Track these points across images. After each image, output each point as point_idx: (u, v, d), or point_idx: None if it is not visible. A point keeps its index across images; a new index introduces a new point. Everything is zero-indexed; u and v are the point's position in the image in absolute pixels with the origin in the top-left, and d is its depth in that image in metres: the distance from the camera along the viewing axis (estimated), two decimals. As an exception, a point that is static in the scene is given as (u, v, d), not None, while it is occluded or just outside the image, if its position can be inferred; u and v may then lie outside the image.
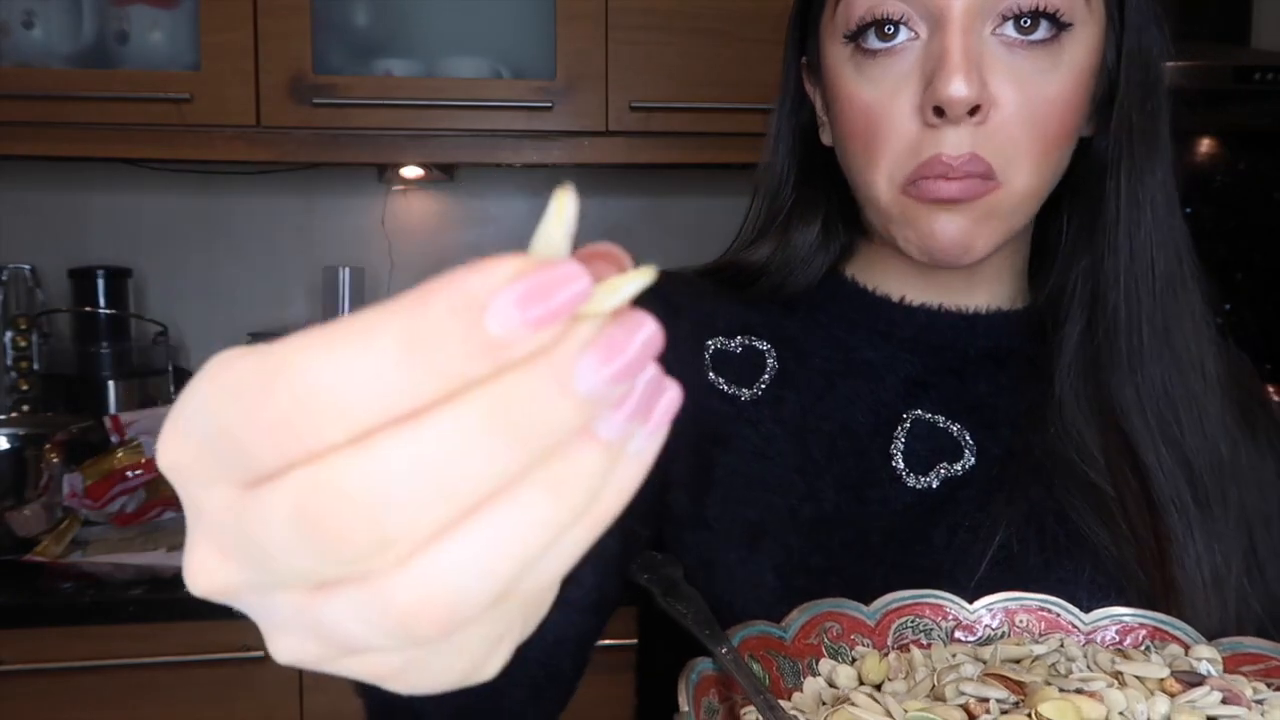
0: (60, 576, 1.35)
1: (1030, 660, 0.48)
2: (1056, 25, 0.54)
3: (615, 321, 0.20)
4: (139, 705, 1.33)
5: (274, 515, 0.20)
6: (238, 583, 0.22)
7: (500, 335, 0.19)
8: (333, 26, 1.65)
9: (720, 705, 0.46)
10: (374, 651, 0.22)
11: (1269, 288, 2.12)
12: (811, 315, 0.65)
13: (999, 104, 0.54)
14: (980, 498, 0.58)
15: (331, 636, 0.22)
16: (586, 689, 1.46)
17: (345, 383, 0.19)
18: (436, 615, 0.20)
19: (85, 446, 1.51)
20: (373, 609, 0.20)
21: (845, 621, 0.51)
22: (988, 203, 0.55)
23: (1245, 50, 1.78)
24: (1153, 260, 0.58)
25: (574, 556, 0.22)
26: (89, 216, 1.89)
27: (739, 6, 1.62)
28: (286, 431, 0.19)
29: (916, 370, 0.62)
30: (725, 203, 2.07)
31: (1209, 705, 0.45)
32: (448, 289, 0.19)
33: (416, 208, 1.97)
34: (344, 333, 0.19)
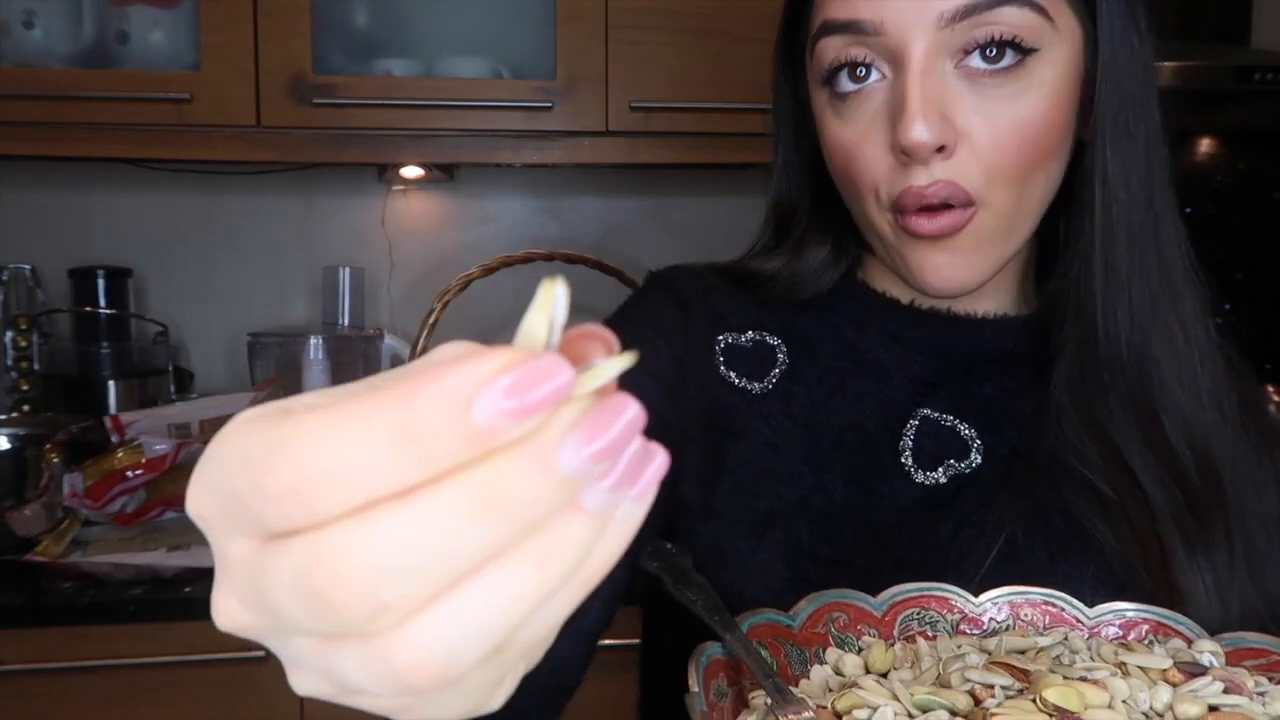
0: (60, 576, 1.35)
1: (1035, 651, 0.49)
2: (1021, 51, 0.54)
3: (599, 403, 0.21)
4: (139, 705, 1.33)
5: (279, 577, 0.22)
6: (256, 626, 0.25)
7: (485, 427, 0.20)
8: (333, 26, 1.65)
9: (729, 689, 0.47)
10: (381, 696, 0.24)
11: (1269, 288, 2.12)
12: (822, 315, 0.67)
13: (969, 136, 0.55)
14: (986, 495, 0.59)
15: (341, 681, 0.24)
16: (587, 689, 1.45)
17: (344, 462, 0.21)
18: (433, 672, 0.22)
19: (85, 446, 1.51)
20: (373, 665, 0.22)
21: (852, 612, 0.52)
22: (973, 231, 0.56)
23: (1245, 50, 1.78)
24: (1129, 275, 0.59)
25: (567, 611, 0.23)
26: (89, 216, 1.89)
27: (739, 6, 1.62)
28: (291, 500, 0.21)
29: (925, 371, 0.63)
30: (725, 203, 2.07)
31: (1211, 694, 0.45)
32: (436, 382, 0.20)
33: (416, 208, 1.97)
34: (344, 415, 0.21)
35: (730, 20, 1.62)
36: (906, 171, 0.55)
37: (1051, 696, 0.43)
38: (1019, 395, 0.63)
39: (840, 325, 0.66)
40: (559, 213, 1.99)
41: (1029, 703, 0.43)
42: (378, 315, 1.96)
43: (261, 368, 1.70)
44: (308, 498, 0.21)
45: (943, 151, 0.54)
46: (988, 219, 0.56)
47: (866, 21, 0.55)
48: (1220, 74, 1.57)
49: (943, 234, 0.56)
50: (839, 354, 0.65)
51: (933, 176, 0.54)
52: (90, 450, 1.50)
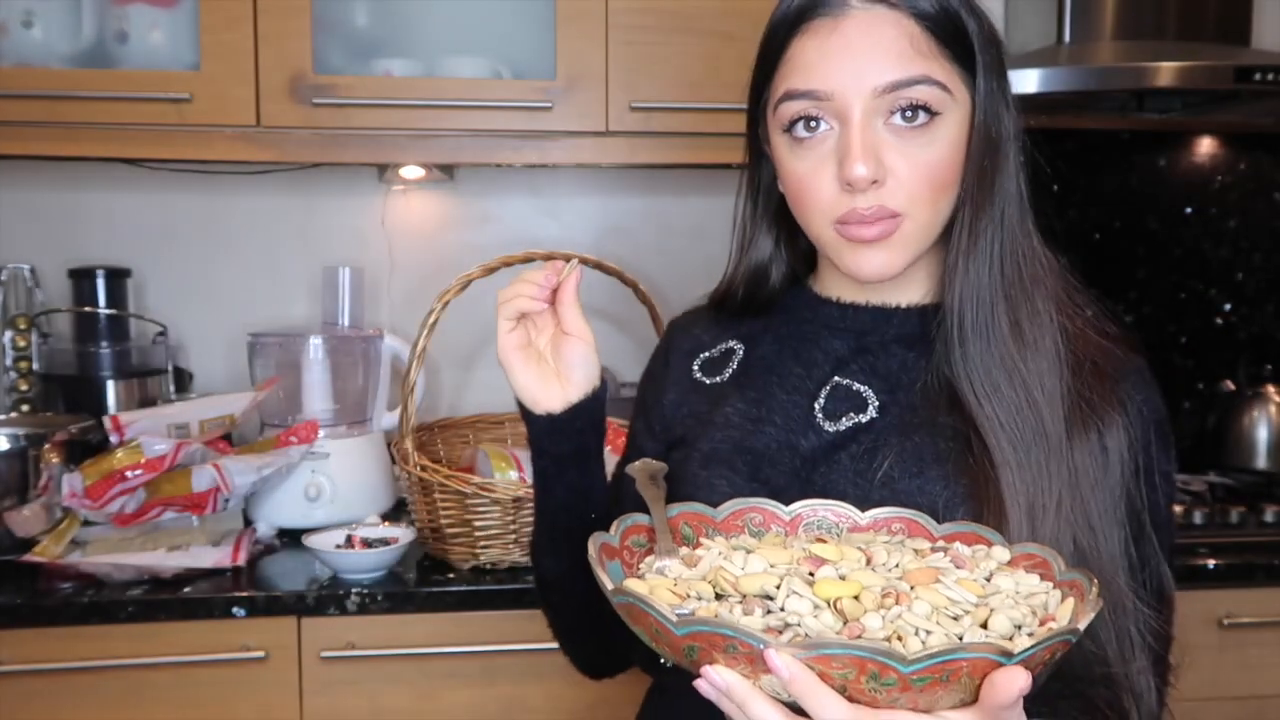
0: (59, 576, 1.35)
1: (867, 543, 0.69)
2: (929, 113, 0.75)
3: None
4: (139, 705, 1.33)
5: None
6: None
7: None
8: (333, 26, 1.65)
9: (647, 542, 0.72)
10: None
11: (1269, 287, 2.12)
12: (775, 317, 0.90)
13: (894, 172, 0.75)
14: (875, 440, 0.80)
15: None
16: (589, 689, 1.45)
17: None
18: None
19: (85, 446, 1.51)
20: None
21: (765, 514, 0.75)
22: (899, 236, 0.77)
23: (1245, 50, 1.78)
24: (980, 274, 0.78)
25: None
26: (89, 216, 1.89)
27: (739, 7, 1.62)
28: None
29: (844, 349, 0.85)
30: (725, 203, 2.05)
31: (936, 560, 0.65)
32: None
33: (416, 208, 1.97)
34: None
35: (730, 20, 1.62)
36: (850, 197, 0.75)
37: (818, 550, 0.64)
38: (916, 367, 0.82)
39: (787, 323, 0.89)
40: (559, 213, 1.99)
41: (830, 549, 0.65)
42: (378, 315, 1.96)
43: (261, 368, 1.70)
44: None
45: (876, 184, 0.75)
46: (910, 226, 0.77)
47: (820, 91, 0.75)
48: (1221, 74, 1.57)
49: (878, 239, 0.76)
50: (780, 344, 0.88)
51: (869, 201, 0.75)
52: (89, 450, 1.50)
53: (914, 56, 0.74)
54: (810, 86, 0.75)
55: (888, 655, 0.50)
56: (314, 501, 1.56)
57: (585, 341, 0.86)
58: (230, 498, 1.48)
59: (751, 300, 0.90)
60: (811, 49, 0.76)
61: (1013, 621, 0.58)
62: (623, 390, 1.95)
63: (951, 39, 0.75)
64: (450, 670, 1.37)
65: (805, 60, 0.76)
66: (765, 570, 0.62)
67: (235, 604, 1.31)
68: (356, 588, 1.34)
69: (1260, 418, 1.85)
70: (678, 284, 2.03)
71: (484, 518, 1.38)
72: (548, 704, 1.39)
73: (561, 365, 0.87)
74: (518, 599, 1.36)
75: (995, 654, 0.51)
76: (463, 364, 2.00)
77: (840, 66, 0.75)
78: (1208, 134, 2.08)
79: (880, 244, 0.76)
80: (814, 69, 0.76)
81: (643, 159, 1.65)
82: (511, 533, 1.39)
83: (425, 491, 1.40)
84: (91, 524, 1.45)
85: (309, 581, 1.37)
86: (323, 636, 1.35)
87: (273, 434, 1.60)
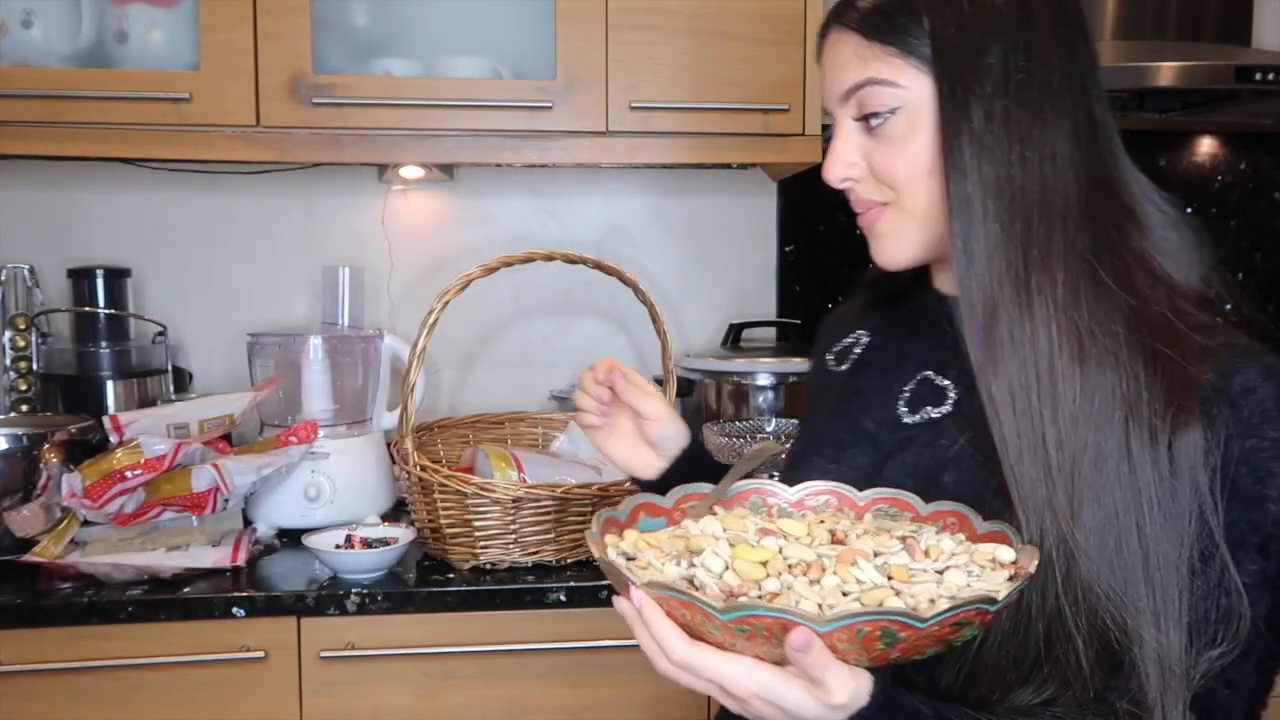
0: (59, 576, 1.35)
1: (852, 521, 0.80)
2: (884, 114, 0.80)
3: None
4: (138, 705, 1.33)
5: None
6: None
7: None
8: (332, 26, 1.64)
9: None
10: None
11: (1269, 288, 2.12)
12: (897, 309, 0.95)
13: (873, 166, 0.82)
14: (940, 435, 0.84)
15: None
16: (588, 689, 1.47)
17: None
18: None
19: (84, 446, 1.51)
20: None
21: (766, 494, 0.86)
22: (892, 221, 0.83)
23: (1246, 50, 1.78)
24: (964, 273, 0.76)
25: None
26: (88, 216, 1.89)
27: (739, 6, 1.62)
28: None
29: (937, 344, 0.87)
30: (725, 203, 2.07)
31: (891, 545, 0.71)
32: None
33: (416, 208, 1.97)
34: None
35: (730, 20, 1.62)
36: (850, 194, 0.85)
37: (783, 525, 0.75)
38: None
39: (902, 314, 0.94)
40: (559, 213, 1.99)
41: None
42: (377, 315, 1.96)
43: (261, 368, 1.70)
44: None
45: (852, 181, 0.83)
46: (896, 213, 0.82)
47: (826, 98, 0.85)
48: (1221, 74, 1.57)
49: (872, 226, 0.84)
50: (892, 334, 0.94)
51: (855, 194, 0.84)
52: (89, 450, 1.50)
53: (857, 64, 0.81)
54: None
55: (705, 603, 0.60)
56: (314, 501, 1.56)
57: (660, 418, 1.01)
58: (230, 498, 1.48)
59: (889, 282, 0.95)
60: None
61: (925, 597, 0.64)
62: (623, 390, 1.95)
63: (893, 35, 0.79)
64: (450, 670, 1.37)
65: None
66: (712, 534, 0.73)
67: (235, 604, 1.31)
68: (356, 588, 1.34)
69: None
70: (678, 284, 2.04)
71: (484, 518, 1.38)
72: (548, 704, 1.39)
73: (649, 440, 1.02)
74: (518, 599, 1.36)
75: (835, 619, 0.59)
76: (463, 364, 2.00)
77: (824, 81, 0.86)
78: (1208, 134, 2.08)
79: (875, 231, 0.84)
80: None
81: (643, 159, 1.65)
82: (511, 533, 1.39)
83: (425, 491, 1.40)
84: (91, 524, 1.45)
85: (309, 581, 1.37)
86: (322, 636, 1.35)
87: (272, 434, 1.60)
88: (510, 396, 2.00)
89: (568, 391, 1.96)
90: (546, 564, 1.41)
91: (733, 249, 2.04)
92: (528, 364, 2.01)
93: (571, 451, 1.66)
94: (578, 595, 1.36)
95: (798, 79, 1.64)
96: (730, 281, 2.04)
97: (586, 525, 1.41)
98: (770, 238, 2.04)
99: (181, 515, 1.47)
